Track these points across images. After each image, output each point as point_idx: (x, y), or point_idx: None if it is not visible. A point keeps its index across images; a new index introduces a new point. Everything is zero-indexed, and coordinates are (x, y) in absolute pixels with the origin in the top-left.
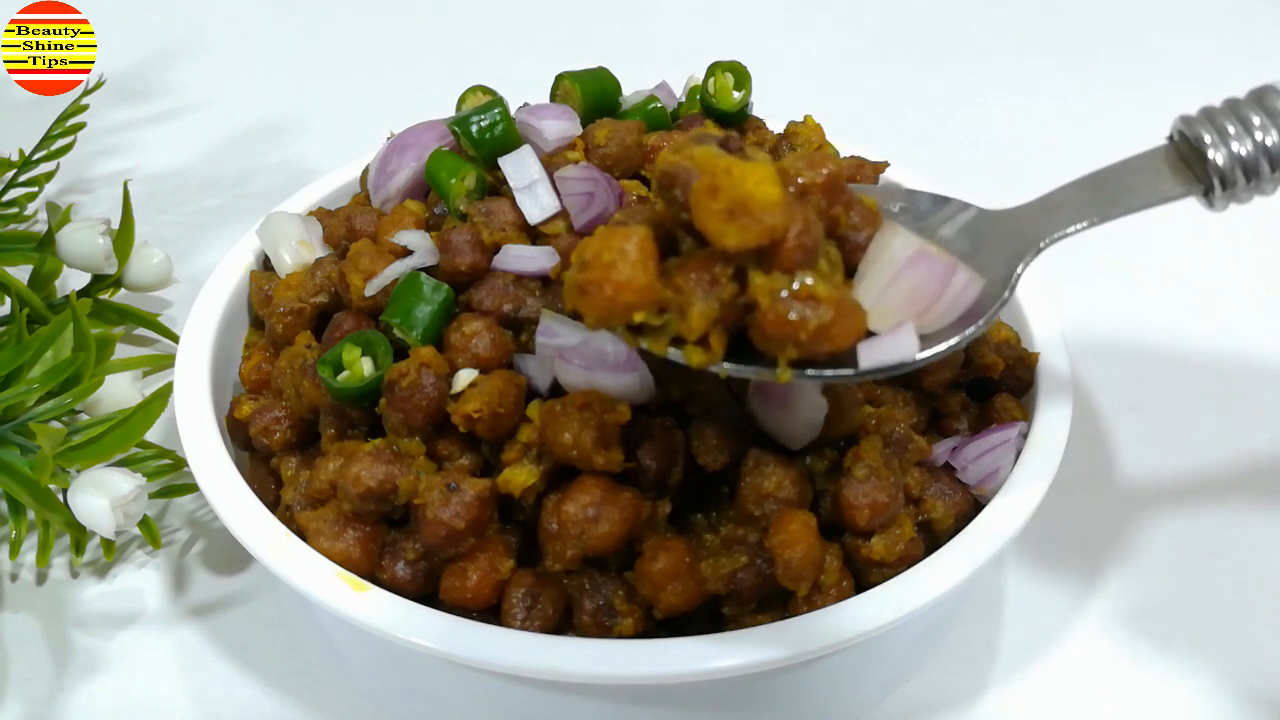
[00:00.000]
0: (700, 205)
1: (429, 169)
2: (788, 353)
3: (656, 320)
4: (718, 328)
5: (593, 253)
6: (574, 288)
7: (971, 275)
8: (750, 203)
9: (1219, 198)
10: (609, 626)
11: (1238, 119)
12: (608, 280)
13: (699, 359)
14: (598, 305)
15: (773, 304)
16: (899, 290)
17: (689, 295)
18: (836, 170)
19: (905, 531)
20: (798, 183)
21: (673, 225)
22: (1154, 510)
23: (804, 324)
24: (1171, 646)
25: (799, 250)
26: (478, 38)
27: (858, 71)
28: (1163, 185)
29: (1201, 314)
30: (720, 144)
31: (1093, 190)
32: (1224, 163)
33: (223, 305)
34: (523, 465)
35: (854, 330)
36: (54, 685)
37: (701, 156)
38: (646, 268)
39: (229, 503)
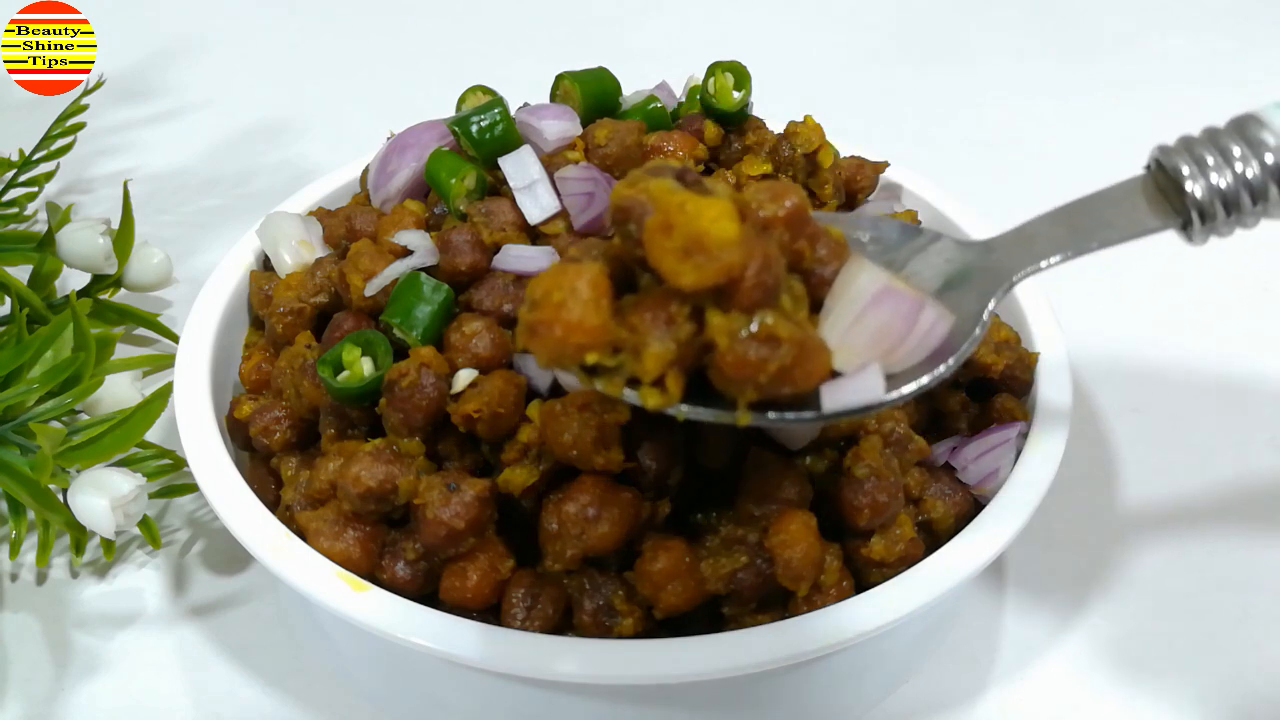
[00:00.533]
0: (654, 243)
1: (429, 169)
2: (748, 395)
3: (611, 361)
4: (674, 369)
5: (543, 291)
6: (524, 328)
7: (941, 312)
8: (706, 240)
9: (1198, 232)
10: (609, 626)
11: (1217, 149)
12: (558, 320)
13: (655, 401)
14: (548, 346)
15: (731, 345)
16: (865, 328)
17: (644, 336)
18: (800, 203)
19: (905, 531)
20: (759, 216)
21: (629, 260)
22: (1155, 512)
23: (764, 365)
24: (1171, 648)
25: (758, 289)
26: (478, 38)
27: (858, 71)
28: (1140, 218)
29: (1201, 314)
30: (676, 176)
31: (1068, 223)
32: (1202, 195)
33: (223, 305)
34: (523, 465)
35: (817, 371)
36: (54, 685)
37: (656, 191)
38: (599, 307)
39: (229, 503)
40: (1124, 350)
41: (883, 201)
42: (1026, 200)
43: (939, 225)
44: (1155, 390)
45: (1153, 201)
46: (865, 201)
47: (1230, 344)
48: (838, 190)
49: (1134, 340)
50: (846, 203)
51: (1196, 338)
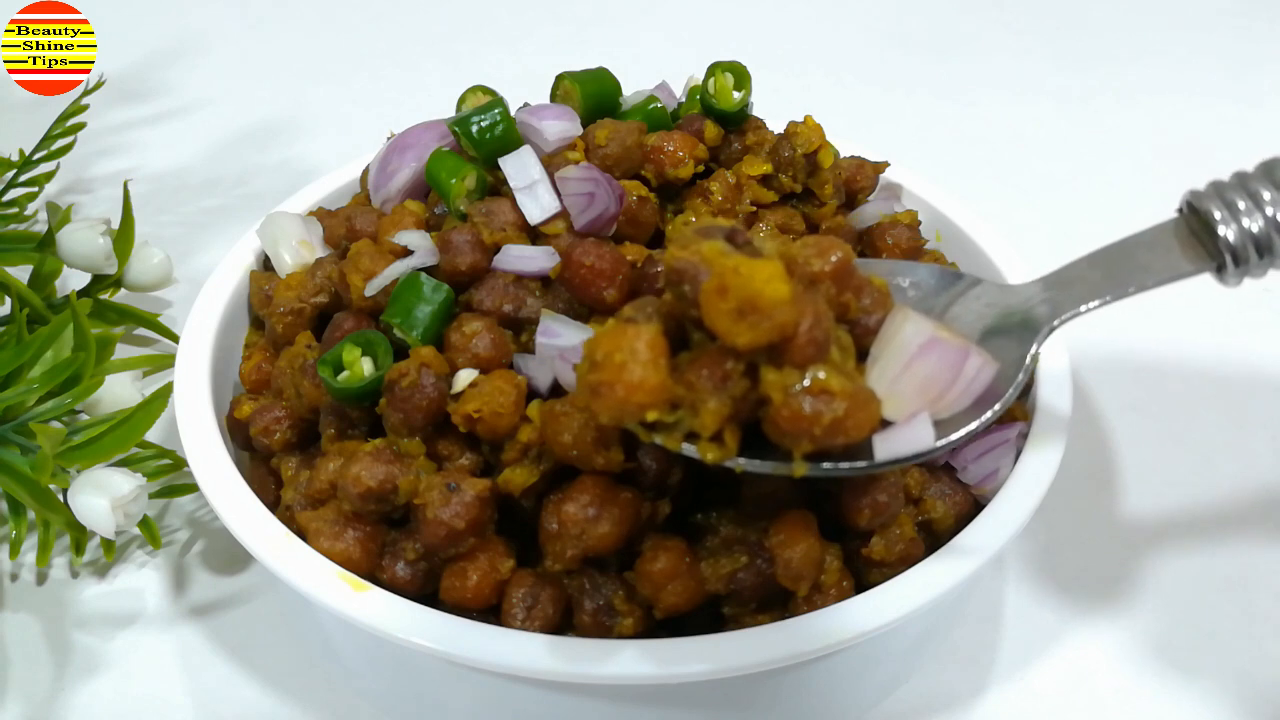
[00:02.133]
0: (710, 305)
1: (429, 169)
2: (803, 446)
3: (670, 417)
4: (731, 424)
5: (603, 353)
6: (585, 389)
7: (985, 359)
8: (759, 301)
9: (1231, 274)
10: (609, 626)
11: (1247, 194)
12: (620, 381)
13: (714, 455)
14: (610, 406)
15: (786, 400)
16: (912, 378)
17: (701, 392)
18: (845, 257)
19: (905, 531)
20: (806, 270)
21: (683, 318)
22: (1155, 511)
23: (818, 419)
24: (1173, 649)
25: (810, 345)
26: (478, 38)
27: (858, 70)
28: (1175, 262)
29: (1200, 314)
30: (727, 237)
31: (1105, 268)
32: (1235, 240)
33: (223, 305)
34: (523, 465)
35: (868, 422)
36: (54, 685)
37: (709, 253)
38: (658, 366)
39: (229, 503)
40: (1124, 350)
41: (883, 201)
42: (1028, 199)
43: (939, 225)
44: (1155, 390)
45: (1186, 245)
46: (865, 202)
47: (1230, 343)
48: (838, 190)
49: (1134, 340)
50: (847, 203)
51: (1197, 337)
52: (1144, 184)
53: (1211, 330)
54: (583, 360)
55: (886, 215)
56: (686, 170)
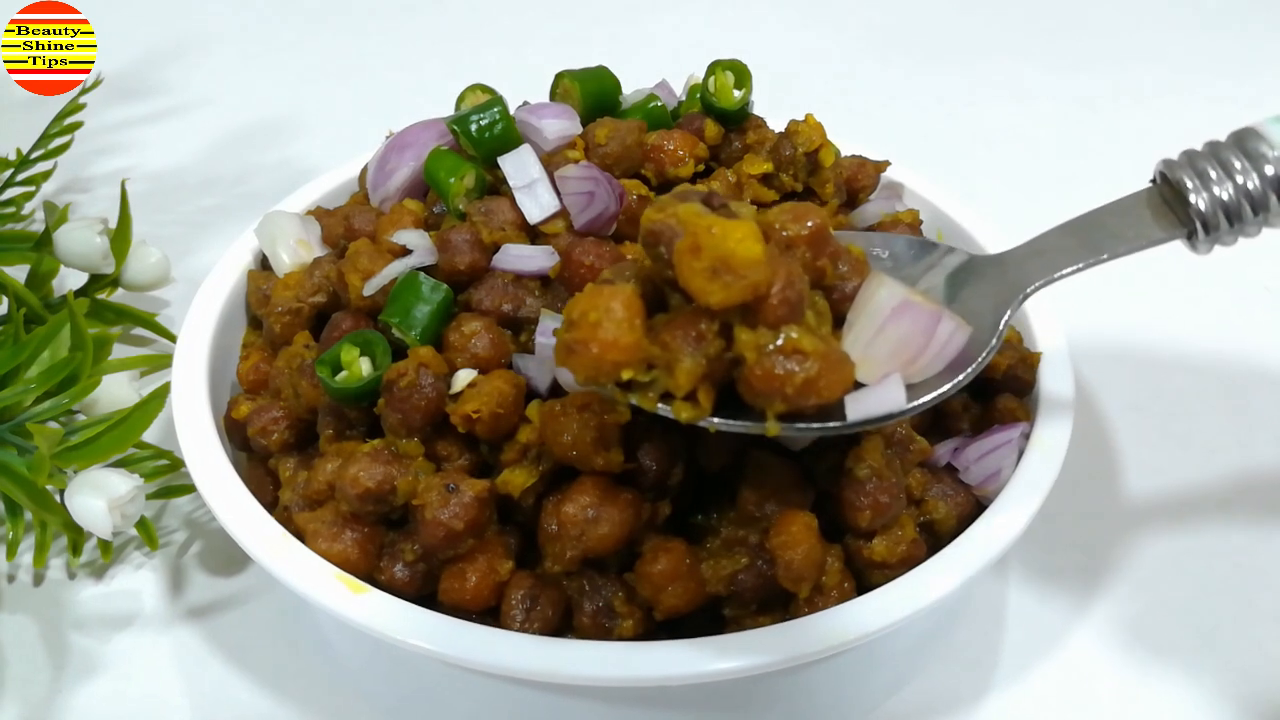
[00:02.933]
0: (683, 264)
1: (428, 168)
2: (775, 406)
3: (645, 376)
4: (705, 383)
5: (579, 312)
6: (561, 347)
7: (958, 324)
8: (732, 260)
9: (1201, 242)
10: (609, 628)
11: (1218, 163)
12: (594, 339)
13: (687, 414)
14: (585, 364)
15: (759, 359)
16: (885, 341)
17: (676, 352)
18: (821, 223)
19: (907, 533)
20: (782, 236)
21: (660, 281)
22: (1157, 511)
23: (790, 378)
24: (1175, 650)
25: (783, 305)
26: (477, 37)
27: (860, 69)
28: (1146, 230)
29: (1203, 314)
30: (703, 201)
31: (1079, 235)
32: (1205, 207)
33: (220, 305)
34: (522, 466)
35: (841, 383)
36: (51, 687)
37: (685, 214)
38: (633, 326)
39: (226, 504)
40: (1126, 350)
41: (884, 201)
42: (1028, 198)
43: (941, 224)
44: (1158, 390)
45: (1158, 213)
46: (867, 201)
47: (1232, 342)
48: (839, 189)
49: (1136, 340)
50: (848, 202)
51: (1199, 337)
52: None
53: (1213, 329)
54: (562, 323)
55: (888, 214)
56: (687, 169)
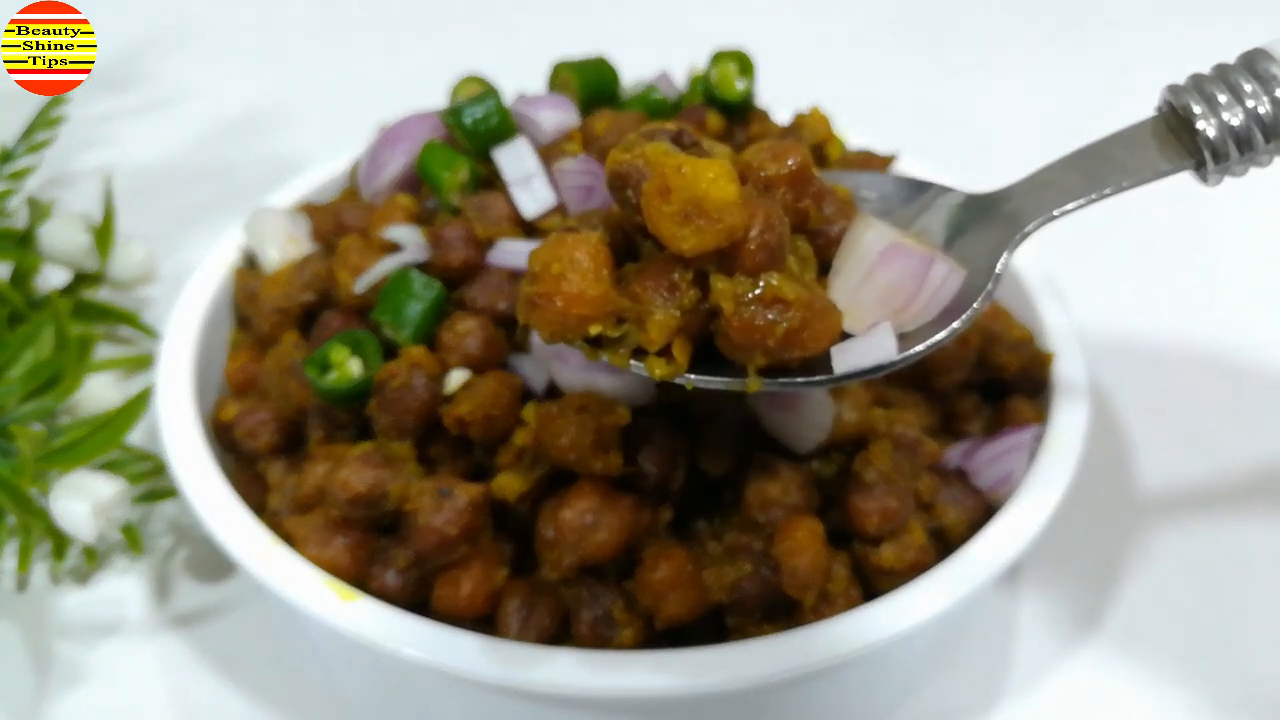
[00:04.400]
0: (652, 207)
1: (421, 161)
2: (756, 360)
3: (614, 331)
4: (681, 337)
5: (541, 263)
6: (524, 302)
7: (952, 267)
8: (705, 203)
9: (1212, 171)
10: (608, 638)
11: (1228, 87)
12: (558, 292)
13: (662, 371)
14: (550, 319)
15: (737, 309)
16: (874, 287)
17: (647, 304)
18: (803, 161)
19: (916, 538)
20: (761, 176)
21: (630, 228)
22: (1172, 516)
23: (772, 329)
24: (1188, 660)
25: (761, 250)
26: (472, 26)
27: (867, 60)
28: (1153, 160)
29: (1219, 313)
30: (673, 139)
31: (1080, 168)
32: (1215, 135)
33: (206, 303)
34: (518, 470)
35: (827, 333)
36: (34, 695)
37: (652, 154)
38: (600, 277)
39: (212, 508)
40: (1142, 349)
41: None
42: None
43: None
44: (1175, 390)
45: (1165, 143)
46: None
47: (1251, 340)
48: None
49: (1152, 339)
50: None
51: (1215, 338)
52: None
53: (1230, 329)
54: (525, 276)
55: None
56: None
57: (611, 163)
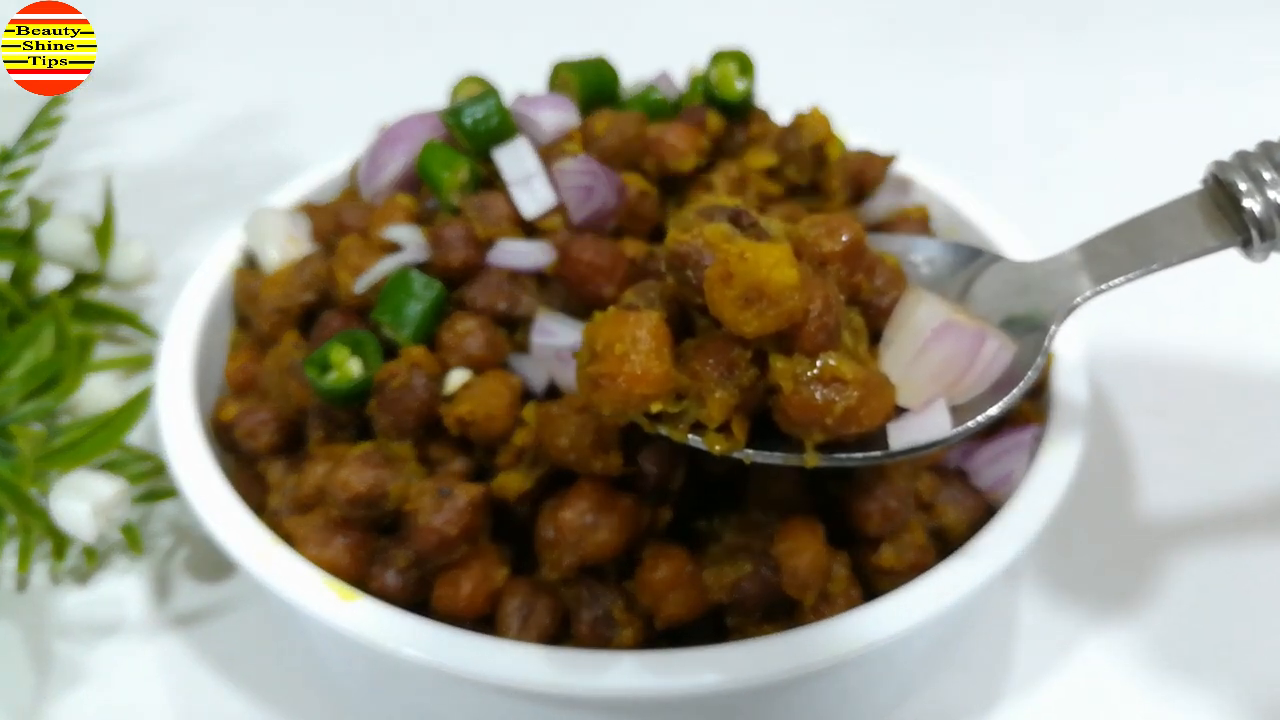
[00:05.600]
0: (716, 293)
1: (421, 161)
2: (814, 436)
3: (674, 408)
4: (739, 414)
5: (604, 343)
6: (586, 381)
7: (1003, 341)
8: (767, 288)
9: (1258, 249)
10: (608, 638)
11: (1273, 164)
12: (622, 373)
13: (722, 447)
14: (613, 399)
15: (796, 388)
16: (927, 363)
17: (707, 382)
18: (856, 236)
19: (916, 538)
20: (815, 252)
21: (686, 304)
22: (1175, 517)
23: (830, 408)
24: (1193, 660)
25: (821, 332)
26: (472, 26)
27: (866, 60)
28: (1199, 237)
29: (1223, 312)
30: (731, 219)
31: (1128, 243)
32: (1261, 213)
33: (206, 303)
34: (518, 470)
35: (882, 410)
36: (35, 696)
37: (713, 237)
38: (661, 356)
39: (212, 508)
40: (1144, 349)
41: (892, 195)
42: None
43: (951, 219)
44: (1177, 391)
45: (1210, 219)
46: (874, 195)
47: (1253, 342)
48: (845, 184)
49: (1154, 339)
50: (855, 196)
51: (1219, 336)
52: (1165, 176)
53: (1234, 328)
54: (581, 350)
55: (896, 209)
56: (688, 163)
57: (671, 243)
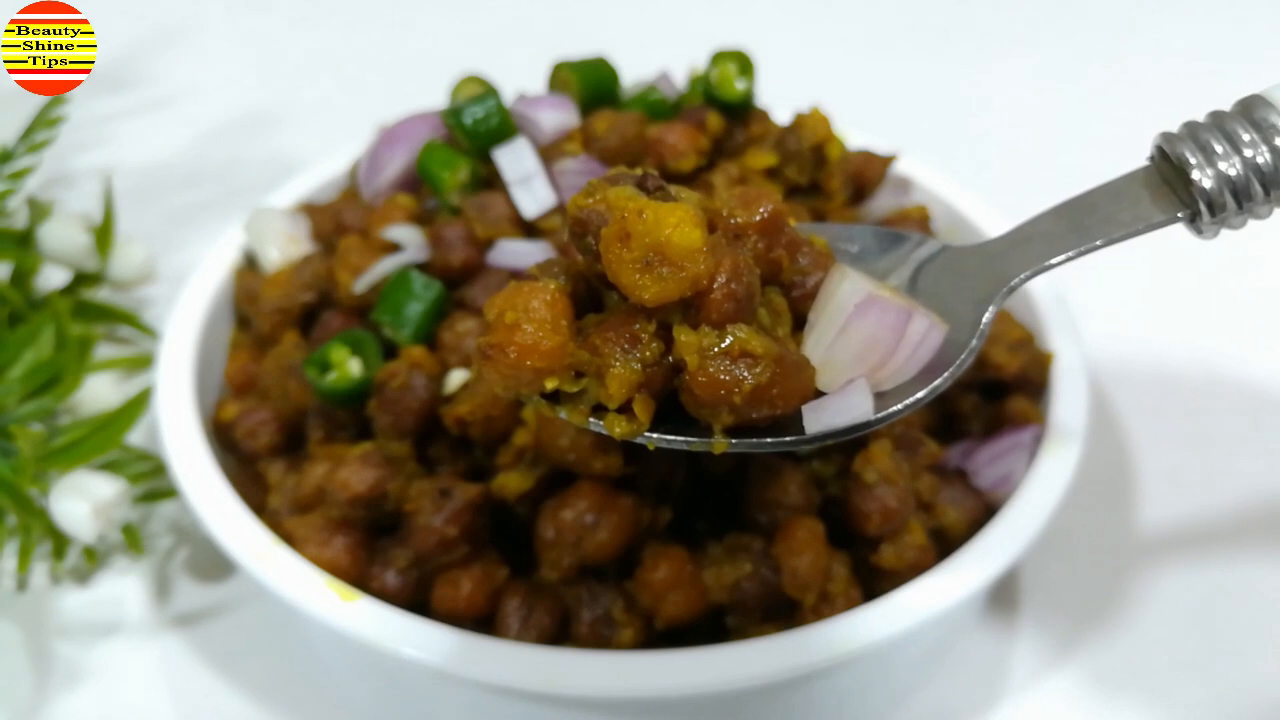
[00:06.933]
0: (611, 254)
1: (421, 161)
2: (723, 418)
3: (573, 386)
4: (642, 393)
5: (496, 312)
6: (476, 353)
7: (932, 321)
8: (668, 249)
9: (1207, 225)
10: (607, 638)
11: (1224, 135)
12: (512, 343)
13: (622, 429)
14: (503, 372)
15: (701, 363)
16: (849, 343)
17: (607, 357)
18: (776, 209)
19: (916, 538)
20: (731, 224)
21: (593, 278)
22: (1174, 518)
23: (738, 385)
24: (1189, 661)
25: (728, 300)
26: (472, 26)
27: (868, 60)
28: (1144, 212)
29: (1223, 313)
30: (638, 183)
31: (1068, 220)
32: (1211, 186)
33: (206, 303)
34: (517, 470)
35: (797, 391)
36: (35, 696)
37: (614, 199)
38: (557, 328)
39: (211, 508)
40: (1144, 350)
41: (892, 195)
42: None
43: (951, 219)
44: (1176, 392)
45: (1157, 194)
46: (874, 195)
47: (1254, 345)
48: (846, 183)
49: (1154, 340)
50: (855, 196)
51: (1219, 338)
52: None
53: (1234, 330)
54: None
55: (896, 209)
56: (688, 163)
57: (572, 208)
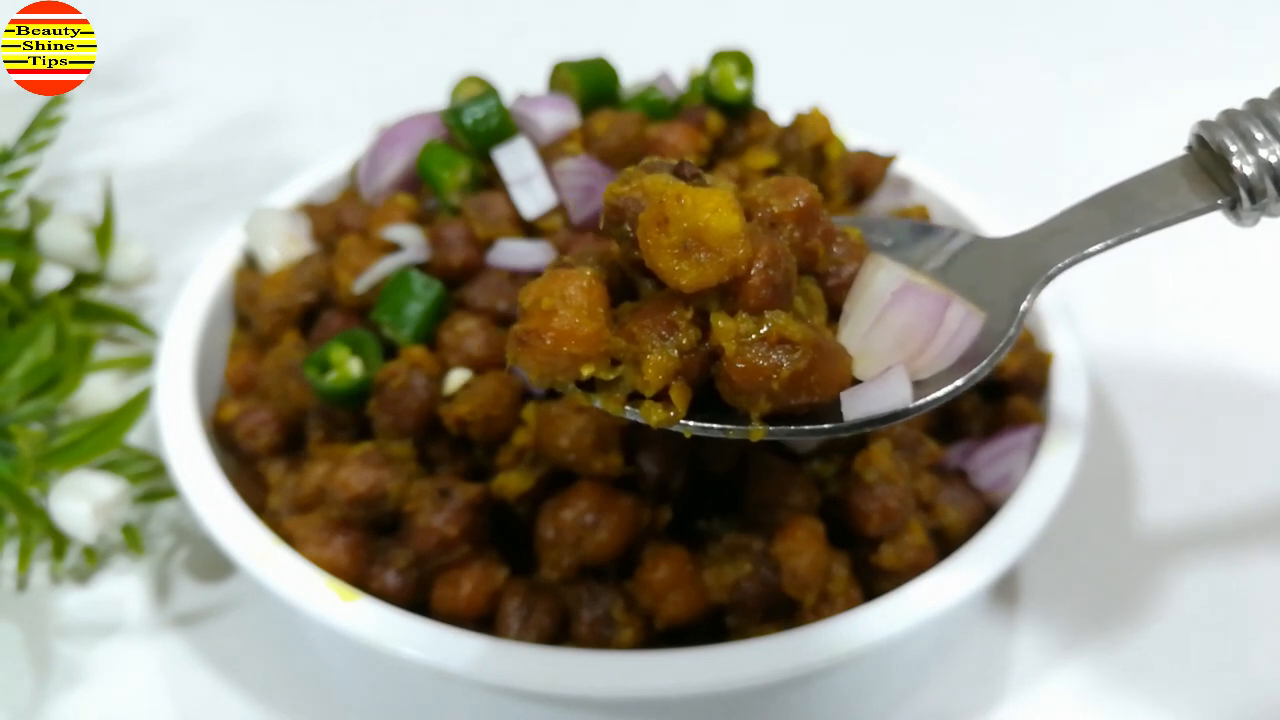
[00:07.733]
0: (650, 239)
1: (420, 161)
2: (760, 406)
3: (609, 374)
4: (679, 380)
5: (532, 299)
6: (513, 340)
7: (969, 310)
8: (706, 234)
9: (1246, 212)
10: (608, 638)
11: (1263, 122)
12: (548, 329)
13: (658, 417)
14: (539, 359)
15: (739, 350)
16: (886, 331)
17: (644, 344)
18: (812, 198)
19: (916, 538)
20: (767, 213)
21: (629, 266)
22: (1175, 519)
23: (776, 371)
24: (1189, 661)
25: (766, 286)
26: (472, 26)
27: (866, 60)
28: (1184, 199)
29: (1224, 312)
30: (674, 171)
31: (1107, 208)
32: (1251, 172)
33: (206, 303)
34: (517, 470)
35: (835, 377)
36: (34, 696)
37: (651, 185)
38: (594, 314)
39: (211, 508)
40: (1144, 349)
41: (892, 195)
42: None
43: (952, 220)
44: (1177, 392)
45: (1196, 181)
46: (874, 195)
47: (1255, 343)
48: (846, 183)
49: (1155, 339)
50: (855, 196)
51: (1220, 336)
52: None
53: (1236, 329)
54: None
55: (896, 209)
56: None
57: (609, 196)
